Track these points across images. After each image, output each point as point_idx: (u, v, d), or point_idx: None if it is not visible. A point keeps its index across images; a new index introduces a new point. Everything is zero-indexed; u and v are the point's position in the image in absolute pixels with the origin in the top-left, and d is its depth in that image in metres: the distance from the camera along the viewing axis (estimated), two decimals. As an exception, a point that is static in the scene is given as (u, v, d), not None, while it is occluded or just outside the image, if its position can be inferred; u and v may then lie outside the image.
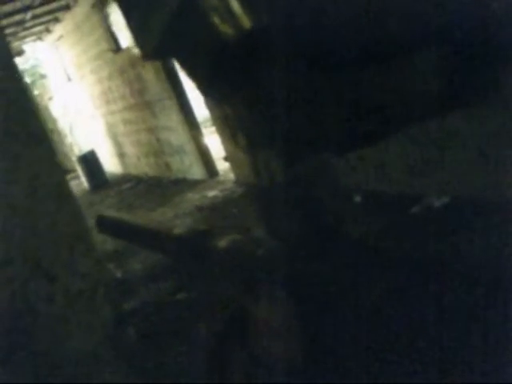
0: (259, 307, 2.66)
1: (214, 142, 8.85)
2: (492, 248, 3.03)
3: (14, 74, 2.23)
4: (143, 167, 11.07)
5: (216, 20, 2.52)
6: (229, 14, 2.49)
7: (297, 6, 2.33)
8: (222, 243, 3.30)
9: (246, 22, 2.47)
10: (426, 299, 2.51)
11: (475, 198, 3.82)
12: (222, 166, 8.42)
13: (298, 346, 2.44)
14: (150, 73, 8.82)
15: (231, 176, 7.84)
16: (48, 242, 2.07)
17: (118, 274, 5.60)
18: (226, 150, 7.70)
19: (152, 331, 3.66)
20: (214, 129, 8.92)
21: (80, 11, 10.50)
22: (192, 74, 3.08)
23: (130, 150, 11.45)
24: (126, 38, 9.33)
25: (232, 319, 2.82)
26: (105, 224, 3.32)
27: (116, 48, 10.01)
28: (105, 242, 6.15)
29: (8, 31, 9.68)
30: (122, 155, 12.13)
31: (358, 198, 4.86)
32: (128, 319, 3.29)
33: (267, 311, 2.62)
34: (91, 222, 3.97)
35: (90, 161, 11.72)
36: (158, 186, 9.75)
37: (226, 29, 2.53)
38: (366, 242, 2.99)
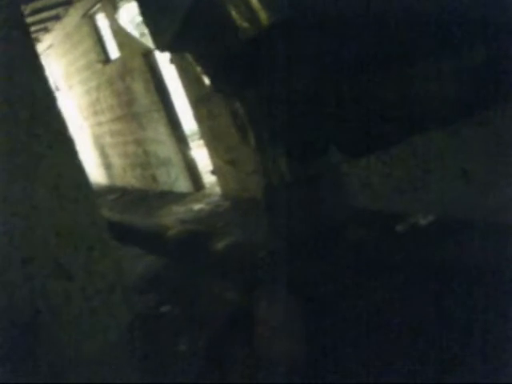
0: (260, 307, 2.64)
1: (200, 156, 8.84)
2: (478, 265, 3.05)
3: (41, 75, 2.27)
4: (129, 179, 11.02)
5: (233, 14, 2.47)
6: (246, 8, 2.43)
7: (318, 5, 2.30)
8: (221, 244, 3.26)
9: (264, 18, 2.40)
10: (425, 299, 2.51)
11: (461, 217, 3.84)
12: (209, 179, 8.42)
13: (300, 345, 2.43)
14: (138, 84, 8.82)
15: (217, 189, 7.83)
16: (68, 242, 2.09)
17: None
18: (213, 163, 7.70)
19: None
20: (201, 142, 8.92)
21: (70, 21, 10.50)
22: (206, 69, 3.04)
23: (117, 161, 11.40)
24: (114, 49, 9.33)
25: (234, 319, 2.80)
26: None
27: (105, 59, 10.01)
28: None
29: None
30: (108, 166, 12.08)
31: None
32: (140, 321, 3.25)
33: (268, 311, 2.60)
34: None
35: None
36: (143, 199, 9.70)
37: (243, 23, 2.48)
38: (365, 246, 2.98)
